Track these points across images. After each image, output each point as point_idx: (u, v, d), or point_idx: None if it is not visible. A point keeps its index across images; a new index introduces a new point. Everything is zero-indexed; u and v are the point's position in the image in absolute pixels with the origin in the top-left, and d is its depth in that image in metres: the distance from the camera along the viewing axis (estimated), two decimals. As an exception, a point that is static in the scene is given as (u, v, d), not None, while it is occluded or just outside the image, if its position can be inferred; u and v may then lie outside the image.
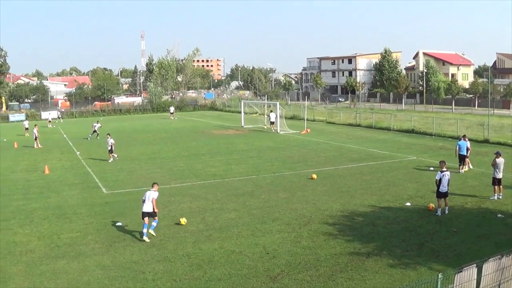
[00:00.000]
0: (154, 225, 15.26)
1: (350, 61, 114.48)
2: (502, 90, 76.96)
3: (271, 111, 48.81)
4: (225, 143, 37.71)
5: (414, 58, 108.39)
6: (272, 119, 46.88)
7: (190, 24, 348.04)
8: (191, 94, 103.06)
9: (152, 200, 15.08)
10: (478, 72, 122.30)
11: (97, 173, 26.21)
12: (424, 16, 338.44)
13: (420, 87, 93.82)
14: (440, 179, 16.89)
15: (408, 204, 18.44)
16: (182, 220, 16.55)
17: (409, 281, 11.34)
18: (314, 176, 23.35)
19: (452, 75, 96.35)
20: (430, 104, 77.15)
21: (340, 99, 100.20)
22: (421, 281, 9.84)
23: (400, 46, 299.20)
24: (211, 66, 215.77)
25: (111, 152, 30.08)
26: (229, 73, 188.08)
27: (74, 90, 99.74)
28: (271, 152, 32.59)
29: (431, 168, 24.86)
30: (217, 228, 15.97)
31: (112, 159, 29.95)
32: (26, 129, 47.89)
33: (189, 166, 27.77)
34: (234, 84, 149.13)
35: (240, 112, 56.20)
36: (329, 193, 20.42)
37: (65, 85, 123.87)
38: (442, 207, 17.07)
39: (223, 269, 12.58)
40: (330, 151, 32.48)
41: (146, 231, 14.99)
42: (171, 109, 69.70)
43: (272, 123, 46.75)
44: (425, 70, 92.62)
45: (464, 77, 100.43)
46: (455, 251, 13.51)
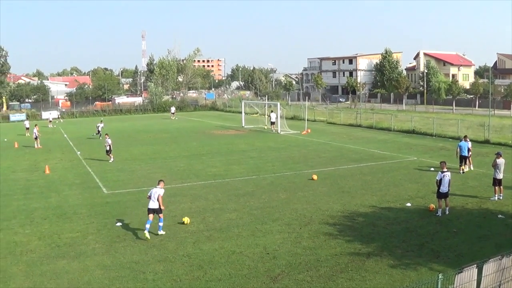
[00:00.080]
0: (161, 225, 15.42)
1: (350, 62, 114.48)
2: (502, 91, 76.96)
3: (272, 111, 48.83)
4: (225, 144, 37.72)
5: (414, 59, 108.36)
6: (273, 120, 46.89)
7: (191, 24, 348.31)
8: (192, 94, 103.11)
9: (159, 197, 15.24)
10: (479, 73, 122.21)
11: (98, 173, 26.22)
12: (424, 17, 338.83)
13: (421, 88, 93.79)
14: (441, 179, 16.89)
15: (408, 204, 18.44)
16: (185, 219, 16.60)
17: (410, 282, 11.34)
18: (315, 177, 23.34)
19: (453, 75, 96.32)
20: (431, 105, 77.12)
21: (340, 100, 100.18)
22: (421, 282, 9.85)
23: (400, 47, 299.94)
24: (212, 66, 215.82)
25: (109, 152, 30.08)
26: (230, 73, 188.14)
27: (74, 90, 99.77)
28: (272, 153, 32.59)
29: (432, 169, 24.86)
30: (217, 229, 15.97)
31: (112, 158, 29.96)
32: (27, 129, 47.91)
33: (189, 166, 27.78)
34: (234, 84, 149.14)
35: (240, 112, 56.20)
36: (329, 194, 20.42)
37: (65, 85, 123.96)
38: (442, 208, 17.07)
39: (224, 269, 12.58)
40: (331, 152, 32.49)
41: (149, 226, 15.13)
42: (172, 109, 69.92)
43: (273, 123, 46.76)
44: (426, 71, 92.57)
45: (465, 78, 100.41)
46: (455, 252, 13.52)
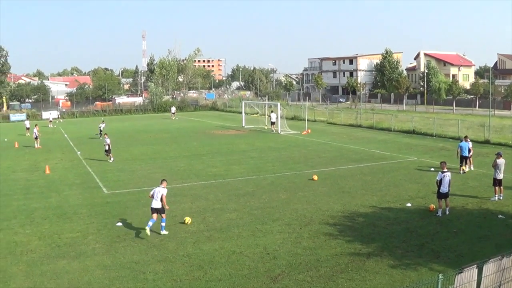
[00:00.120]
0: (163, 225, 15.48)
1: (351, 62, 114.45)
2: (503, 91, 76.92)
3: (272, 112, 48.86)
4: (226, 144, 37.73)
5: (415, 59, 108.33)
6: (273, 120, 46.92)
7: (191, 24, 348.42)
8: (192, 94, 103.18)
9: (162, 197, 15.33)
10: (479, 73, 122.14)
11: (98, 173, 26.23)
12: (425, 17, 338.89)
13: (421, 88, 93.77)
14: (441, 179, 16.89)
15: (408, 204, 18.44)
16: (187, 219, 16.64)
17: (410, 282, 11.34)
18: (315, 177, 23.34)
19: (453, 75, 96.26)
20: (431, 105, 77.12)
21: (341, 100, 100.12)
22: (421, 282, 9.85)
23: (401, 47, 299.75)
24: (212, 66, 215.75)
25: (108, 152, 30.07)
26: (230, 73, 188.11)
27: (75, 90, 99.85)
28: (272, 153, 32.60)
29: (432, 169, 24.86)
30: (217, 229, 15.98)
31: (112, 158, 29.96)
32: (27, 129, 47.94)
33: (190, 166, 27.78)
34: (235, 84, 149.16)
35: (241, 112, 56.21)
36: (329, 194, 20.42)
37: (66, 85, 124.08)
38: (442, 208, 17.07)
39: (224, 269, 12.59)
40: (331, 152, 32.49)
41: (152, 224, 15.26)
42: (173, 109, 70.08)
43: (273, 123, 46.79)
44: (426, 71, 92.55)
45: (465, 78, 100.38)
46: (455, 252, 13.52)
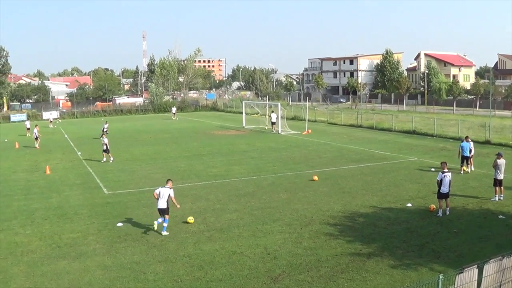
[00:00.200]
0: (166, 226, 15.54)
1: (351, 62, 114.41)
2: (503, 91, 76.93)
3: (272, 112, 48.88)
4: (226, 144, 37.73)
5: (415, 59, 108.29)
6: (273, 120, 46.95)
7: (192, 24, 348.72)
8: (193, 94, 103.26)
9: (172, 199, 15.65)
10: (480, 73, 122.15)
11: (98, 173, 26.24)
12: (425, 17, 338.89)
13: (422, 88, 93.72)
14: (441, 180, 16.90)
15: (409, 205, 18.44)
16: (189, 218, 16.67)
17: (410, 282, 11.34)
18: (316, 177, 23.34)
19: (454, 76, 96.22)
20: (432, 105, 77.11)
21: (341, 100, 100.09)
22: (422, 282, 9.85)
23: (401, 47, 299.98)
24: (213, 66, 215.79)
25: (106, 152, 30.05)
26: (231, 73, 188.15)
27: (75, 91, 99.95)
28: (273, 153, 32.60)
29: (432, 169, 24.86)
30: (218, 229, 15.98)
31: (105, 158, 29.93)
32: (28, 129, 47.97)
33: (190, 167, 27.79)
34: (235, 84, 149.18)
35: (241, 112, 56.24)
36: (330, 194, 20.43)
37: (66, 85, 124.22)
38: (443, 208, 17.06)
39: (224, 269, 12.59)
40: (331, 152, 32.49)
41: (160, 221, 15.57)
42: (173, 109, 70.20)
43: (273, 123, 46.81)
44: (427, 71, 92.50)
45: (466, 78, 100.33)
46: (456, 252, 13.52)
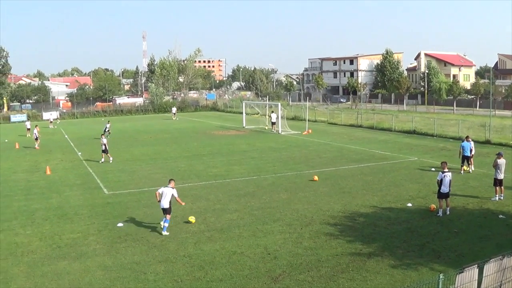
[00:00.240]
0: (166, 226, 15.60)
1: (351, 62, 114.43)
2: (503, 91, 76.93)
3: (272, 112, 48.89)
4: (226, 144, 37.73)
5: (415, 59, 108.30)
6: (273, 120, 46.96)
7: (192, 24, 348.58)
8: (193, 94, 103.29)
9: (176, 199, 15.77)
10: (480, 73, 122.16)
11: (99, 173, 26.24)
12: (425, 17, 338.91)
13: (422, 88, 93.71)
14: (442, 179, 16.90)
15: (409, 204, 18.44)
16: (191, 218, 16.72)
17: (411, 282, 11.34)
18: (316, 178, 23.34)
19: (454, 76, 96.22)
20: (432, 105, 77.11)
21: (341, 100, 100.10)
22: (422, 282, 9.86)
23: (401, 47, 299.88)
24: (213, 66, 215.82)
25: (105, 152, 30.02)
26: (231, 73, 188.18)
27: (75, 91, 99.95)
28: (273, 153, 32.60)
29: (433, 169, 24.86)
30: (218, 229, 15.98)
31: (104, 159, 29.89)
32: (28, 129, 47.99)
33: (190, 167, 27.79)
34: (235, 84, 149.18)
35: (241, 112, 56.24)
36: (330, 194, 20.42)
37: (66, 85, 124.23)
38: (443, 208, 17.06)
39: (225, 269, 12.59)
40: (332, 152, 32.49)
41: (167, 226, 15.76)
42: (173, 109, 70.30)
43: (273, 123, 46.82)
44: (427, 71, 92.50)
45: (466, 78, 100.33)
46: (456, 252, 13.52)
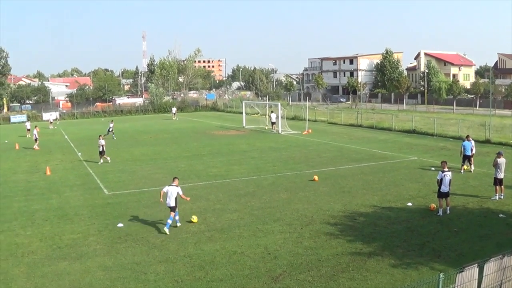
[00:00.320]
0: (169, 223, 15.74)
1: (351, 62, 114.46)
2: (503, 91, 76.97)
3: (272, 112, 48.89)
4: (226, 144, 37.73)
5: (415, 59, 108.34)
6: (273, 120, 46.97)
7: (192, 24, 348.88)
8: (193, 94, 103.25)
9: (181, 196, 16.07)
10: (480, 73, 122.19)
11: (99, 174, 26.24)
12: (425, 17, 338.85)
13: (422, 88, 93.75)
14: (442, 179, 16.90)
15: (409, 204, 18.44)
16: (193, 217, 16.77)
17: (411, 281, 11.35)
18: (316, 178, 23.33)
19: (454, 75, 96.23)
20: (432, 105, 77.11)
21: (341, 100, 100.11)
22: (422, 281, 9.85)
23: (401, 47, 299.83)
24: (213, 66, 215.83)
25: (102, 153, 29.97)
26: (231, 73, 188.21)
27: (75, 91, 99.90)
28: (273, 153, 32.60)
29: (433, 168, 24.87)
30: (218, 229, 15.98)
31: (102, 160, 29.83)
32: (28, 130, 47.99)
33: (190, 167, 27.79)
34: (235, 84, 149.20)
35: (241, 112, 56.25)
36: (330, 194, 20.43)
37: (66, 86, 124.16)
38: (443, 207, 17.07)
39: (225, 269, 12.59)
40: (332, 152, 32.49)
41: (178, 218, 16.17)
42: (173, 109, 70.36)
43: (273, 123, 46.83)
44: (427, 71, 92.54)
45: (466, 78, 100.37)
46: (456, 251, 13.52)
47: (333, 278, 11.86)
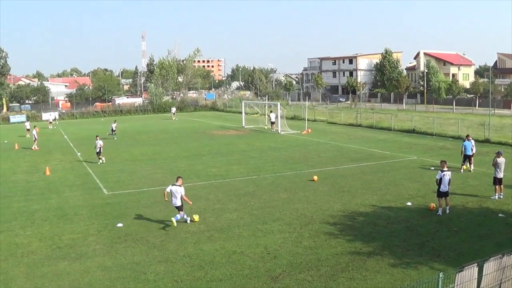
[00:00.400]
0: (178, 218, 16.10)
1: (351, 61, 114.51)
2: (503, 90, 77.07)
3: (271, 111, 48.91)
4: (226, 144, 37.73)
5: (415, 58, 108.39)
6: (272, 119, 46.99)
7: (191, 24, 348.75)
8: (192, 94, 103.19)
9: (183, 197, 16.09)
10: (479, 72, 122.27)
11: (98, 174, 26.23)
12: (425, 16, 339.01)
13: (421, 87, 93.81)
14: (441, 178, 16.90)
15: (409, 203, 18.45)
16: (194, 216, 16.75)
17: (410, 281, 11.35)
18: (315, 177, 23.33)
19: (453, 75, 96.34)
20: (431, 104, 77.16)
21: (341, 99, 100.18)
22: (422, 281, 9.86)
23: (401, 46, 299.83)
24: (212, 66, 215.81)
25: (99, 154, 29.94)
26: (230, 73, 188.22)
27: (74, 91, 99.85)
28: (272, 152, 32.60)
29: (432, 168, 24.88)
30: (218, 229, 15.98)
31: (101, 160, 29.78)
32: (28, 130, 47.97)
33: (190, 167, 27.79)
34: (235, 84, 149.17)
35: (241, 112, 56.24)
36: (330, 193, 20.43)
37: (65, 86, 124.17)
38: (443, 207, 17.07)
39: (225, 269, 12.59)
40: (331, 151, 32.49)
41: (186, 216, 16.33)
42: (173, 109, 70.38)
43: (273, 123, 46.84)
44: (426, 70, 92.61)
45: (465, 77, 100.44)
46: (456, 251, 13.52)
47: (333, 278, 11.86)
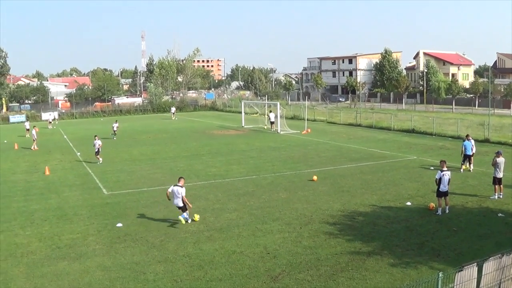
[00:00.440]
0: (185, 216, 16.35)
1: (350, 61, 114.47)
2: (502, 90, 77.04)
3: (271, 111, 48.91)
4: (225, 143, 37.73)
5: (414, 58, 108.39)
6: (272, 119, 47.00)
7: (191, 24, 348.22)
8: (192, 94, 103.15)
9: (183, 198, 16.16)
10: (479, 72, 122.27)
11: (98, 174, 26.23)
12: (424, 16, 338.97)
13: (421, 87, 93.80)
14: (440, 178, 16.91)
15: (408, 203, 18.45)
16: (195, 216, 16.78)
17: (410, 280, 11.35)
18: (315, 177, 23.32)
19: (453, 75, 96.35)
20: (431, 104, 77.15)
21: (340, 99, 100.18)
22: (421, 280, 9.85)
23: (400, 46, 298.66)
24: (212, 66, 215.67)
25: (97, 154, 29.91)
26: (230, 73, 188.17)
27: (74, 91, 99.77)
28: (272, 152, 32.61)
29: (432, 168, 24.88)
30: (217, 229, 15.98)
31: (100, 160, 29.78)
32: (27, 130, 47.95)
33: (189, 167, 27.78)
34: (234, 84, 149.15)
35: (240, 112, 56.23)
36: (329, 193, 20.43)
37: (65, 85, 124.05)
38: (442, 207, 17.08)
39: (224, 269, 12.59)
40: (331, 151, 32.50)
41: (187, 216, 16.50)
42: (172, 109, 70.42)
43: (272, 123, 46.85)
44: (426, 70, 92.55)
45: (465, 77, 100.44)
46: (455, 250, 13.52)
47: (332, 278, 11.87)
